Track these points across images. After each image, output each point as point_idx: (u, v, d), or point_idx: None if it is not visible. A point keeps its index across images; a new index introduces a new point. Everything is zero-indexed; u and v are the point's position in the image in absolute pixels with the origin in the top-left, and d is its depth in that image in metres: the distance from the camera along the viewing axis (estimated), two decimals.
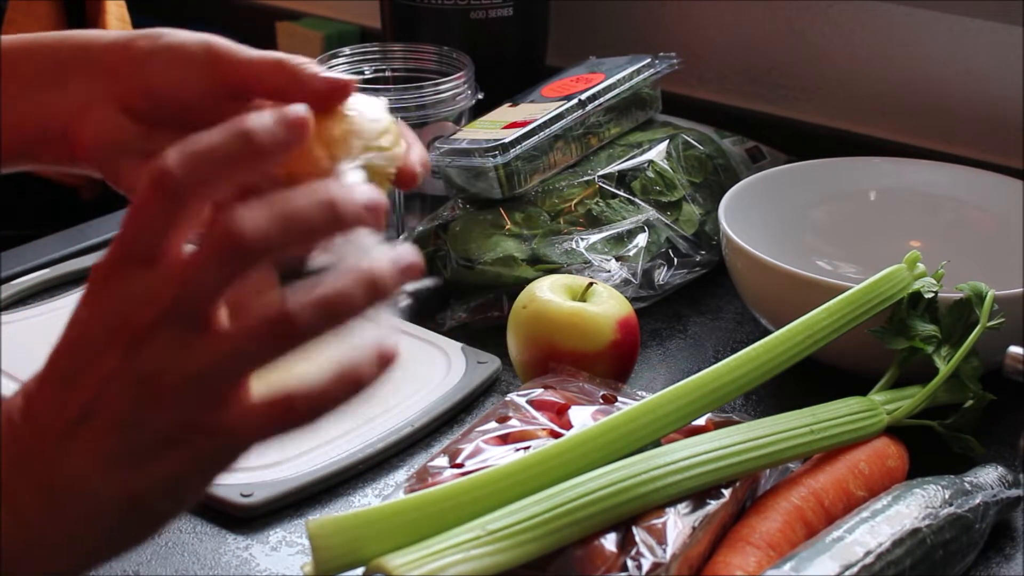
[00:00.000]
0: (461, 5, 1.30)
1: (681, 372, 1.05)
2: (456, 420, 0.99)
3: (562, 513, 0.75)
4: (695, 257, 1.15)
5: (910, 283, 0.94)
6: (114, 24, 1.44)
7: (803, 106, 1.37)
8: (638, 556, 0.75)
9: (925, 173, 1.18)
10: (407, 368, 1.03)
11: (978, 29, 1.25)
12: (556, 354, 0.95)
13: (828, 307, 0.90)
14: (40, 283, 1.16)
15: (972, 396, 0.93)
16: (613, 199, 1.15)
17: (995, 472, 0.87)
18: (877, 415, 0.89)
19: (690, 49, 1.36)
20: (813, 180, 1.17)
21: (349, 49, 1.25)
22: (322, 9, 1.60)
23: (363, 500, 0.91)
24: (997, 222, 1.13)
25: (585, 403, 0.88)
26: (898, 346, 0.92)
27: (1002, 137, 1.26)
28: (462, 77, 1.20)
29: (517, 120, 1.16)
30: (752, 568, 0.77)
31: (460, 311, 1.10)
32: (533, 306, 0.98)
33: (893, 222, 1.16)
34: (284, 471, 0.92)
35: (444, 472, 0.81)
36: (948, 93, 1.28)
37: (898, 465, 0.88)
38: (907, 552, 0.78)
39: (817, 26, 1.34)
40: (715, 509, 0.79)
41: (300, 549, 0.86)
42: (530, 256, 1.10)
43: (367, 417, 0.98)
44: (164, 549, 0.86)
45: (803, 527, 0.81)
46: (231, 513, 0.89)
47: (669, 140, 1.21)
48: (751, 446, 0.82)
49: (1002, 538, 0.86)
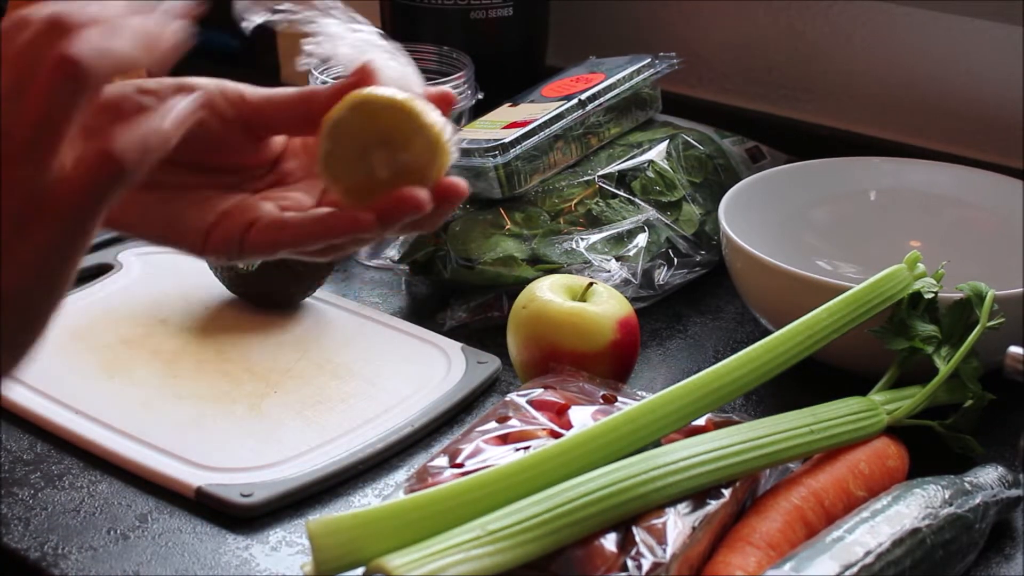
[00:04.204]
0: (461, 5, 1.30)
1: (681, 372, 1.05)
2: (456, 420, 0.99)
3: (562, 513, 0.75)
4: (695, 257, 1.15)
5: (910, 283, 0.94)
6: None
7: (803, 106, 1.37)
8: (638, 556, 0.75)
9: (925, 173, 1.18)
10: (408, 368, 1.03)
11: (978, 29, 1.25)
12: (556, 354, 0.95)
13: (828, 307, 0.90)
14: None
15: (972, 396, 0.93)
16: (613, 199, 1.15)
17: (995, 472, 0.87)
18: (877, 415, 0.89)
19: (690, 49, 1.36)
20: (813, 180, 1.17)
21: None
22: None
23: (363, 500, 0.91)
24: (997, 222, 1.13)
25: (585, 403, 0.88)
26: (898, 346, 0.92)
27: (1002, 137, 1.26)
28: (462, 77, 1.20)
29: (517, 120, 1.16)
30: (752, 568, 0.77)
31: (460, 311, 1.10)
32: (533, 306, 0.98)
33: (893, 222, 1.16)
34: (284, 471, 0.92)
35: (444, 472, 0.81)
36: (948, 93, 1.28)
37: (898, 465, 0.88)
38: (907, 552, 0.78)
39: (817, 26, 1.34)
40: (715, 509, 0.79)
41: (300, 549, 0.86)
42: (530, 256, 1.10)
43: (367, 417, 0.98)
44: (164, 549, 0.86)
45: (803, 527, 0.81)
46: (231, 513, 0.89)
47: (669, 140, 1.21)
48: (751, 446, 0.82)
49: (1002, 538, 0.86)
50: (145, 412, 0.98)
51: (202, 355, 1.05)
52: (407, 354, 1.05)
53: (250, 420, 0.98)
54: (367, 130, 0.69)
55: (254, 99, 0.74)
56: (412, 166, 0.69)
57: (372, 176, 0.69)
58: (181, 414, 0.98)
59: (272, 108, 0.74)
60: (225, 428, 0.97)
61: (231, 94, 0.74)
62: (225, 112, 0.74)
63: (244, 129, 0.74)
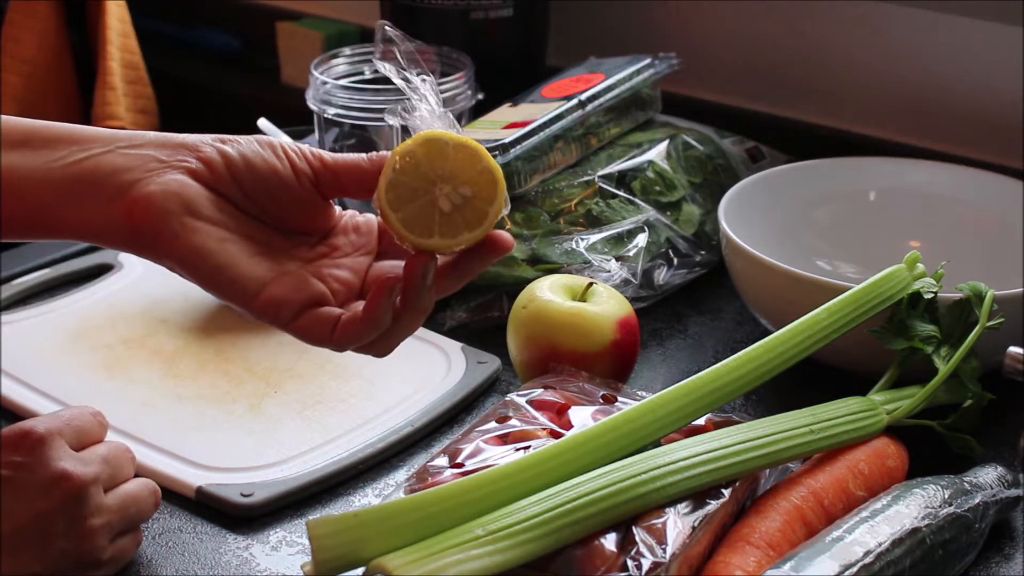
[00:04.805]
0: (461, 5, 1.30)
1: (681, 372, 1.05)
2: (456, 420, 1.00)
3: (562, 513, 0.75)
4: (695, 257, 1.15)
5: (910, 283, 0.94)
6: (114, 24, 1.44)
7: (803, 106, 1.37)
8: (638, 556, 0.75)
9: (925, 173, 1.18)
10: (408, 368, 1.03)
11: (978, 29, 1.25)
12: (556, 354, 0.95)
13: (828, 307, 0.90)
14: (40, 283, 1.16)
15: (972, 396, 0.93)
16: (613, 199, 1.15)
17: (995, 472, 0.87)
18: (877, 415, 0.89)
19: (690, 49, 1.36)
20: (813, 180, 1.17)
21: (349, 49, 1.25)
22: (322, 9, 1.60)
23: (363, 500, 0.91)
24: (997, 222, 1.13)
25: (585, 403, 0.88)
26: (898, 346, 0.92)
27: (1002, 137, 1.26)
28: (462, 77, 1.20)
29: (517, 120, 1.16)
30: (752, 568, 0.77)
31: (460, 311, 1.10)
32: (533, 306, 0.98)
33: (893, 222, 1.16)
34: (284, 471, 0.92)
35: (444, 472, 0.81)
36: (948, 93, 1.28)
37: (898, 465, 0.88)
38: (907, 552, 0.78)
39: (817, 26, 1.34)
40: (715, 509, 0.79)
41: (300, 549, 0.86)
42: (530, 256, 1.10)
43: (367, 417, 0.98)
44: (164, 549, 0.86)
45: (803, 527, 0.81)
46: (231, 513, 0.89)
47: (669, 140, 1.21)
48: (751, 446, 0.82)
49: (1002, 538, 0.86)
50: (145, 412, 0.98)
51: (202, 355, 1.05)
52: (407, 354, 1.05)
53: (250, 420, 0.98)
54: (434, 164, 0.75)
55: (330, 160, 0.79)
56: (474, 203, 0.75)
57: (433, 208, 0.74)
58: (181, 414, 0.98)
59: (343, 169, 0.79)
60: (225, 428, 0.97)
61: (311, 153, 0.80)
62: (303, 170, 0.79)
63: (314, 188, 0.79)
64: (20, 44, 1.44)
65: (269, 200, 0.79)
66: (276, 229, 0.80)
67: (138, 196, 0.76)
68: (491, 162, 0.76)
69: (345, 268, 0.80)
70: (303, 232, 0.81)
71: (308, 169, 0.79)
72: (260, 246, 0.78)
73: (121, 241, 0.77)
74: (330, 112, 1.18)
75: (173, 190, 0.76)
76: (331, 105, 1.18)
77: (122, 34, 1.46)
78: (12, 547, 0.75)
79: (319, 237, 0.81)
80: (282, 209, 0.79)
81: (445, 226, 0.75)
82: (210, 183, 0.77)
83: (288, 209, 0.79)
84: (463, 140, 0.76)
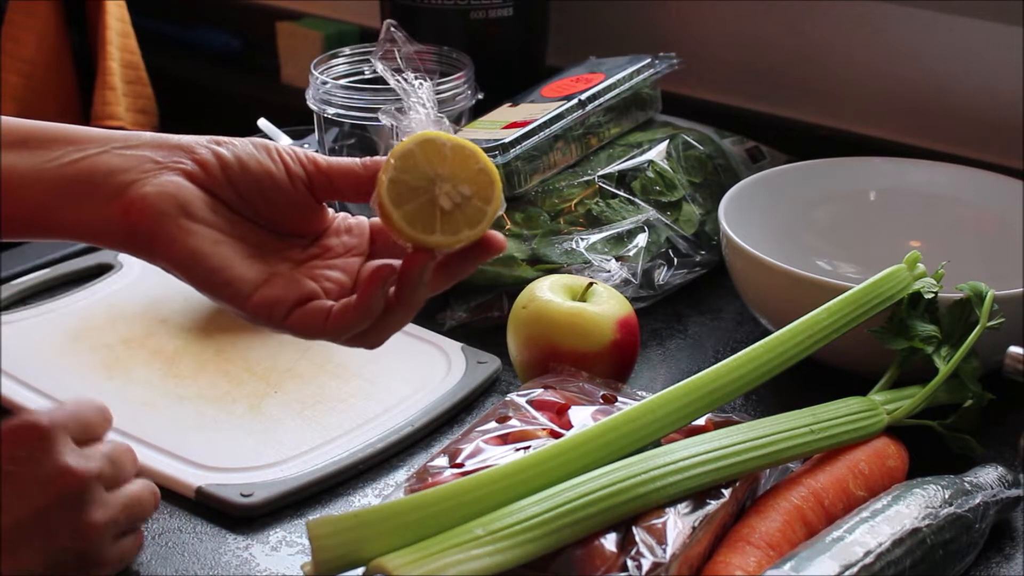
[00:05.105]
0: (461, 5, 1.30)
1: (681, 372, 1.05)
2: (456, 420, 1.00)
3: (562, 513, 0.75)
4: (695, 257, 1.15)
5: (910, 283, 0.94)
6: (114, 24, 1.44)
7: (803, 106, 1.37)
8: (638, 556, 0.75)
9: (925, 173, 1.18)
10: (408, 368, 1.03)
11: (978, 29, 1.25)
12: (556, 354, 0.95)
13: (828, 307, 0.90)
14: (40, 283, 1.16)
15: (972, 396, 0.93)
16: (613, 199, 1.15)
17: (995, 472, 0.87)
18: (877, 415, 0.89)
19: (690, 49, 1.36)
20: (813, 180, 1.17)
21: (349, 49, 1.25)
22: (322, 9, 1.60)
23: (363, 500, 0.91)
24: (997, 222, 1.13)
25: (585, 403, 0.88)
26: (898, 346, 0.92)
27: (1002, 137, 1.26)
28: (462, 77, 1.20)
29: (517, 120, 1.16)
30: (752, 568, 0.77)
31: (460, 311, 1.10)
32: (533, 306, 0.98)
33: (893, 222, 1.16)
34: (284, 471, 0.92)
35: (444, 472, 0.81)
36: (948, 93, 1.28)
37: (898, 465, 0.88)
38: (907, 552, 0.78)
39: (817, 26, 1.34)
40: (715, 509, 0.79)
41: (300, 549, 0.86)
42: (530, 256, 1.10)
43: (367, 417, 0.98)
44: (164, 549, 0.86)
45: (803, 527, 0.81)
46: (231, 513, 0.89)
47: (669, 140, 1.21)
48: (751, 446, 0.82)
49: (1002, 538, 0.86)
50: (145, 412, 0.98)
51: (202, 355, 1.05)
52: (407, 354, 1.05)
53: (250, 420, 0.98)
54: (434, 163, 0.76)
55: (324, 163, 0.80)
56: (474, 201, 0.76)
57: (434, 207, 0.76)
58: (181, 414, 0.98)
59: (337, 172, 0.80)
60: (225, 428, 0.97)
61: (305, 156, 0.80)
62: (297, 173, 0.80)
63: (308, 191, 0.80)
64: (20, 44, 1.44)
65: (263, 202, 0.79)
66: (269, 230, 0.80)
67: (134, 197, 0.76)
68: (487, 162, 0.77)
69: (337, 269, 0.81)
70: (296, 234, 0.81)
71: (302, 172, 0.80)
72: (253, 248, 0.79)
73: (117, 242, 0.77)
74: (330, 112, 1.18)
75: (169, 192, 0.76)
76: (331, 105, 1.18)
77: (122, 34, 1.46)
78: (12, 543, 0.75)
79: (312, 239, 0.82)
80: (276, 211, 0.80)
81: (446, 224, 0.76)
82: (205, 184, 0.78)
83: (282, 211, 0.80)
84: (459, 141, 0.77)
